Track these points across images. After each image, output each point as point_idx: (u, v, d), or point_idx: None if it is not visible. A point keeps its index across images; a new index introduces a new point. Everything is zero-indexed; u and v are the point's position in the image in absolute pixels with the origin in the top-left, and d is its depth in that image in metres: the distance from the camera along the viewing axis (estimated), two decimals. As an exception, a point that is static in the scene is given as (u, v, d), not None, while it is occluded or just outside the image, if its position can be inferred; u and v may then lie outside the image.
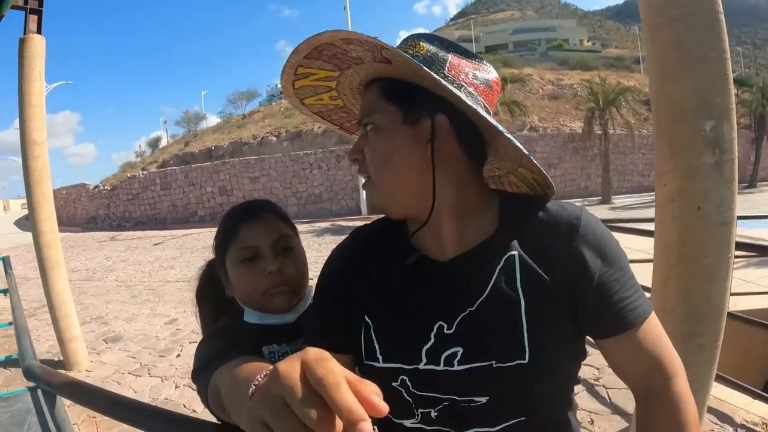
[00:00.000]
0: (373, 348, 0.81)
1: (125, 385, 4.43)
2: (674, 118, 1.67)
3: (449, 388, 0.76)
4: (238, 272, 1.02)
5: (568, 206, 0.81)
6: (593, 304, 0.76)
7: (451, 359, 0.76)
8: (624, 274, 0.77)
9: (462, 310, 0.77)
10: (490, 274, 0.78)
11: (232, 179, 23.39)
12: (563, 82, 32.70)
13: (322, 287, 0.91)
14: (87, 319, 6.91)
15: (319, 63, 0.80)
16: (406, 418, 0.81)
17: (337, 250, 0.94)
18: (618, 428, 2.96)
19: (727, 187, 1.66)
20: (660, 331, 0.79)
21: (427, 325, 0.78)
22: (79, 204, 27.84)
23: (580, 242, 0.76)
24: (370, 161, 0.81)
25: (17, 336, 2.73)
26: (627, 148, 24.68)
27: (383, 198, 0.82)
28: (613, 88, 23.09)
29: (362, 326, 0.84)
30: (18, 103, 4.74)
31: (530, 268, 0.77)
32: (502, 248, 0.79)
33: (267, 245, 1.02)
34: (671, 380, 0.77)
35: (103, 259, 13.87)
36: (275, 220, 1.07)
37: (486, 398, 0.75)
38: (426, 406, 0.78)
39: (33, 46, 4.75)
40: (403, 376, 0.78)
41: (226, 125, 36.93)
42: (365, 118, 0.81)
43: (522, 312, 0.75)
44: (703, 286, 1.73)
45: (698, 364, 1.79)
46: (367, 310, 0.84)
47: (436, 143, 0.76)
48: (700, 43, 1.61)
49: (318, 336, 0.88)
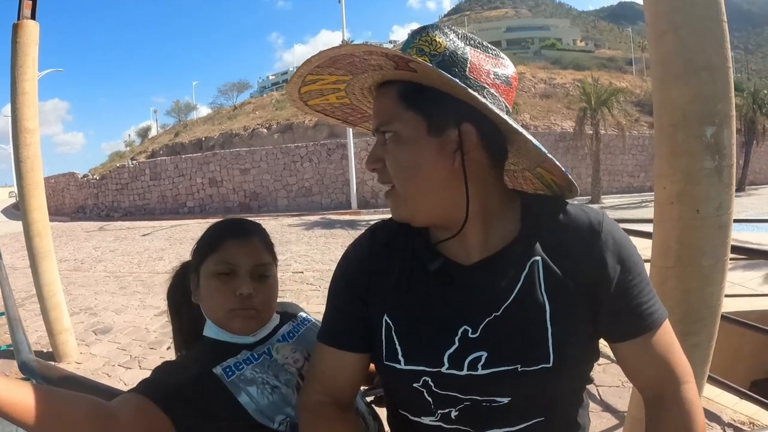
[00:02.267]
0: (395, 350, 0.81)
1: (116, 378, 4.40)
2: (676, 122, 1.70)
3: (472, 390, 0.77)
4: (210, 283, 1.01)
5: (590, 210, 0.82)
6: (611, 307, 0.77)
7: (475, 363, 0.76)
8: (641, 280, 0.78)
9: (488, 315, 0.78)
10: (515, 279, 0.78)
11: (222, 170, 23.28)
12: (555, 81, 32.86)
13: (338, 284, 0.91)
14: (76, 310, 6.84)
15: (331, 70, 0.79)
16: (425, 416, 0.82)
17: (354, 246, 0.92)
18: (608, 425, 2.99)
19: (725, 192, 1.70)
20: (672, 338, 0.80)
21: (451, 329, 0.78)
22: (67, 193, 27.57)
23: (602, 247, 0.77)
24: (394, 171, 0.79)
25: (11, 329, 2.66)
26: (617, 148, 24.85)
27: (409, 208, 0.81)
28: (605, 89, 23.24)
29: (382, 327, 0.83)
30: (10, 90, 4.64)
31: (553, 273, 0.77)
32: (526, 252, 0.79)
33: (246, 267, 1.02)
34: (681, 386, 0.78)
35: (91, 249, 13.75)
36: (261, 247, 1.07)
37: (508, 398, 0.77)
38: (446, 406, 0.79)
39: (27, 32, 4.65)
40: (426, 377, 0.78)
41: (217, 116, 36.70)
42: (384, 126, 0.79)
43: (547, 317, 0.76)
44: (700, 287, 1.77)
45: (693, 363, 1.79)
46: (387, 311, 0.83)
47: (466, 153, 0.75)
48: (704, 50, 1.63)
49: (333, 334, 0.88)
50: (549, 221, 0.81)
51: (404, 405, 0.87)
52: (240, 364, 0.97)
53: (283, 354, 1.04)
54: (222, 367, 0.95)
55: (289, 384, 0.99)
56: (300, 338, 1.10)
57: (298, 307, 1.25)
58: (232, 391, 0.92)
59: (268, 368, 1.00)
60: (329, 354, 0.87)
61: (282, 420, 0.94)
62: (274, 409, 0.94)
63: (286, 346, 1.06)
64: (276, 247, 1.17)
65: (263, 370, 0.99)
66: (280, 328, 1.11)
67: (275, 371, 1.00)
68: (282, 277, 8.12)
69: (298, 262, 9.48)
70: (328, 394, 0.86)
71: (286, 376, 1.00)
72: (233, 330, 1.01)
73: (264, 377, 0.97)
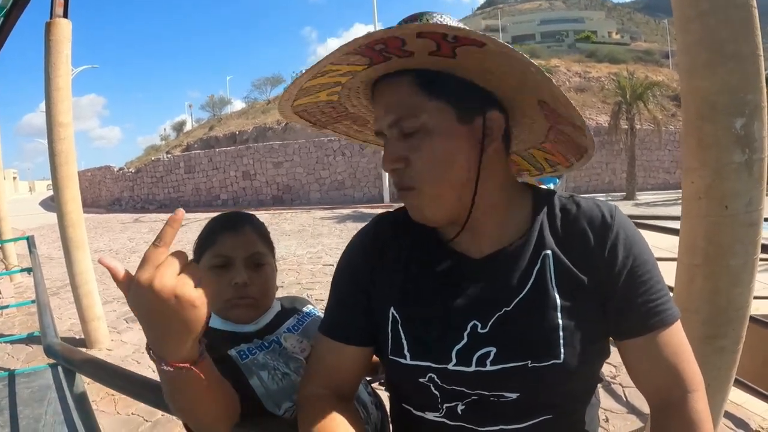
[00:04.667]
0: (401, 344, 0.79)
1: (144, 365, 4.50)
2: (704, 114, 1.62)
3: (480, 386, 0.75)
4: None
5: (602, 203, 0.79)
6: (619, 303, 0.74)
7: (484, 360, 0.74)
8: (651, 277, 0.75)
9: (498, 309, 0.75)
10: (527, 273, 0.76)
11: (255, 164, 23.54)
12: (590, 74, 32.08)
13: (341, 275, 0.89)
14: (109, 299, 7.03)
15: (357, 57, 0.70)
16: (429, 411, 0.80)
17: (358, 237, 0.91)
18: (633, 428, 2.92)
19: (756, 187, 1.62)
20: (683, 342, 0.76)
21: (460, 324, 0.76)
22: (103, 186, 28.34)
23: (614, 241, 0.75)
24: (422, 169, 0.74)
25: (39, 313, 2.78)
26: (653, 144, 24.12)
27: (435, 208, 0.76)
28: (641, 83, 22.53)
29: (388, 320, 0.81)
30: (44, 86, 4.82)
31: (564, 267, 0.75)
32: (538, 246, 0.77)
33: (240, 258, 1.05)
34: (689, 394, 0.74)
35: (126, 240, 14.12)
36: (254, 236, 1.09)
37: (517, 394, 0.74)
38: (453, 400, 0.77)
39: (59, 29, 4.82)
40: (431, 373, 0.76)
41: (251, 110, 37.09)
42: (407, 121, 0.72)
43: (558, 312, 0.73)
44: (728, 288, 1.69)
45: (718, 367, 1.75)
46: (393, 304, 0.81)
47: (491, 142, 0.73)
48: (733, 38, 1.56)
49: (334, 327, 0.86)
50: (560, 214, 0.79)
51: (408, 399, 0.85)
52: (253, 350, 1.00)
53: (291, 343, 1.06)
54: (236, 350, 0.98)
55: (298, 372, 1.01)
56: (305, 330, 1.12)
57: (307, 301, 1.27)
58: (245, 373, 0.95)
59: (278, 356, 1.02)
60: (330, 346, 0.85)
61: (289, 407, 0.96)
62: (283, 395, 0.96)
63: (293, 336, 1.08)
64: (308, 239, 1.19)
65: (274, 357, 1.01)
66: (286, 321, 1.12)
67: (285, 359, 1.03)
68: (313, 269, 8.22)
69: (329, 255, 9.53)
70: (328, 386, 0.85)
71: (296, 364, 1.03)
72: (232, 319, 1.04)
73: (275, 364, 1.00)
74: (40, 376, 4.14)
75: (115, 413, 3.59)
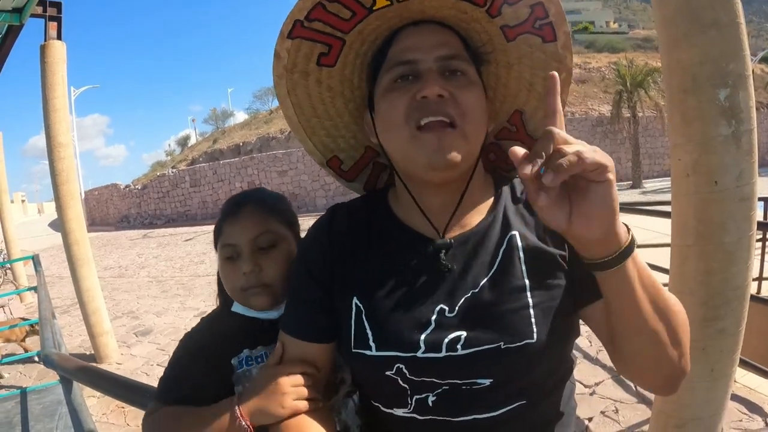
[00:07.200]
0: (365, 335, 0.75)
1: (153, 376, 4.53)
2: (686, 87, 1.58)
3: (451, 373, 0.72)
4: (222, 268, 1.02)
5: None
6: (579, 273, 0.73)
7: (455, 344, 0.72)
8: None
9: (465, 292, 0.74)
10: (494, 255, 0.75)
11: (260, 174, 23.63)
12: (591, 65, 31.91)
13: (298, 271, 0.86)
14: (118, 314, 7.09)
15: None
16: (398, 408, 0.77)
17: (313, 230, 0.88)
18: (642, 417, 2.89)
19: (745, 160, 1.57)
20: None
21: (426, 309, 0.74)
22: (111, 204, 28.61)
23: None
24: (464, 110, 0.72)
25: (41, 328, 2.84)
26: (657, 130, 23.89)
27: (465, 152, 0.73)
28: (640, 70, 22.40)
29: (351, 311, 0.78)
30: (42, 108, 4.90)
31: (532, 245, 0.75)
32: (504, 228, 0.76)
33: (246, 243, 0.98)
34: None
35: (135, 257, 14.21)
36: (259, 214, 1.00)
37: (490, 380, 0.72)
38: (423, 392, 0.74)
39: (54, 51, 4.91)
40: (399, 364, 0.73)
41: (254, 121, 37.24)
42: (456, 62, 0.75)
43: (528, 291, 0.72)
44: (723, 267, 1.65)
45: (720, 350, 1.70)
46: (356, 293, 0.78)
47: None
48: (710, 6, 1.51)
49: (294, 325, 0.83)
50: (522, 196, 0.79)
51: (375, 396, 0.81)
52: (251, 361, 0.96)
53: None
54: (239, 359, 0.95)
55: None
56: None
57: None
58: (234, 382, 0.93)
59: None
60: (292, 345, 0.82)
61: None
62: None
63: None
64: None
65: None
66: None
67: None
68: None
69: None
70: None
71: None
72: (252, 307, 0.99)
73: None
74: (51, 392, 4.19)
75: (125, 425, 3.60)
